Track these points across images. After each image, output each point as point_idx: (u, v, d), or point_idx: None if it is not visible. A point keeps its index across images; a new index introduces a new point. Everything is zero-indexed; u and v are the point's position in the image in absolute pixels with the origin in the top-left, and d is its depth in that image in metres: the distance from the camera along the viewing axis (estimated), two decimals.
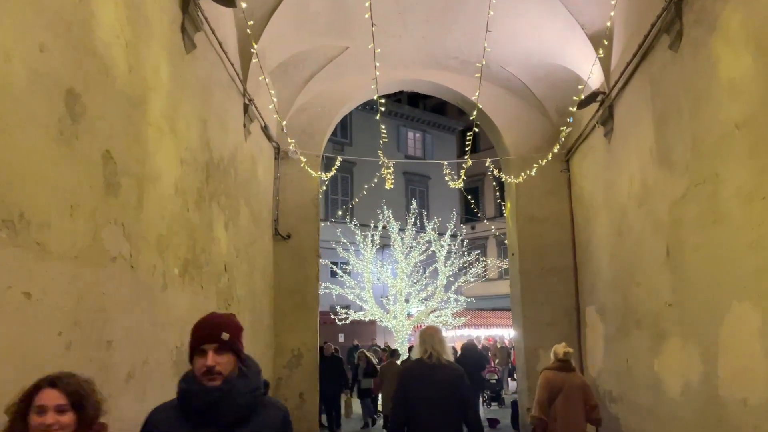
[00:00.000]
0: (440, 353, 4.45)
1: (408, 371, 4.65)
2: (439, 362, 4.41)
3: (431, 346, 4.47)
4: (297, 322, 9.16)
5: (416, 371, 4.47)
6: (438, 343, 4.51)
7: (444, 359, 4.47)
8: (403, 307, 18.30)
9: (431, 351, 4.45)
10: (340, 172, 32.78)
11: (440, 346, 4.50)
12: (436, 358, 4.42)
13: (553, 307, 9.86)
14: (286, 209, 9.42)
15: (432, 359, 4.41)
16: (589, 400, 5.71)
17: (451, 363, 4.54)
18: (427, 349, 4.47)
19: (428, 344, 4.50)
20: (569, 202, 10.11)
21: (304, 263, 9.34)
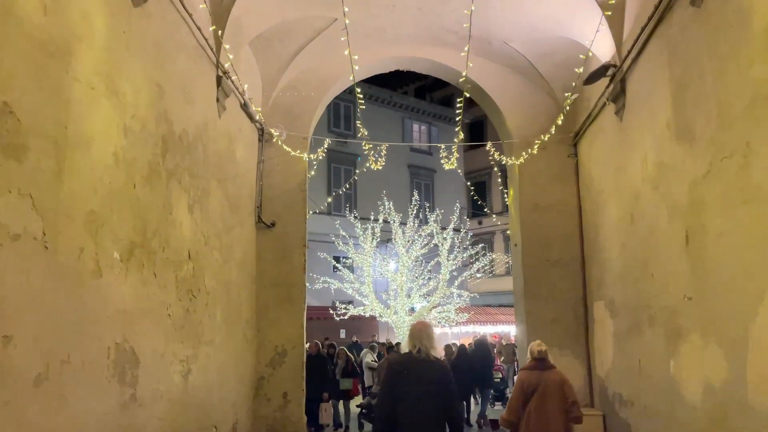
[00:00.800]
0: (429, 349, 4.47)
1: (396, 365, 4.61)
2: (428, 357, 4.43)
3: (420, 341, 4.48)
4: (281, 316, 8.50)
5: (404, 365, 4.47)
6: (427, 338, 4.52)
7: (432, 355, 4.49)
8: (404, 302, 17.61)
9: (420, 346, 4.46)
10: (343, 165, 32.16)
11: (429, 342, 4.50)
12: (425, 354, 4.43)
13: (558, 302, 9.15)
14: (270, 195, 8.76)
15: (421, 354, 4.43)
16: (568, 396, 5.58)
17: (438, 359, 4.58)
18: (416, 344, 4.48)
19: (417, 339, 4.50)
20: (576, 189, 9.39)
21: (289, 253, 8.67)
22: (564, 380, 5.77)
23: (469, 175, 43.08)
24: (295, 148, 8.82)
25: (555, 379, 5.75)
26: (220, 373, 6.61)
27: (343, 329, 25.20)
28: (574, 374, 9.01)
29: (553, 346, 9.06)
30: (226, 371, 6.86)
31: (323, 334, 24.10)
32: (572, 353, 9.06)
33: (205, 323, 6.10)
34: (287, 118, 8.96)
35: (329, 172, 30.47)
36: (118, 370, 4.14)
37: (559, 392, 5.63)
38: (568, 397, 5.64)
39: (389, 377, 4.50)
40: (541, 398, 5.63)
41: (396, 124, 33.66)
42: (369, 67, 9.77)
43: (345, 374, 11.54)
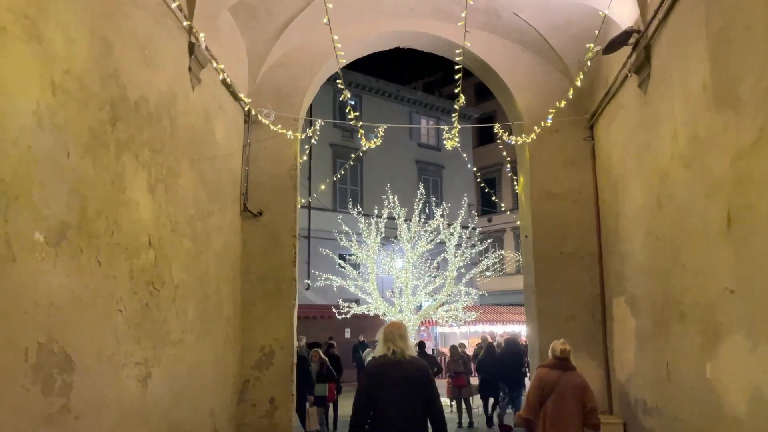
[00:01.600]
0: (403, 349, 4.39)
1: (371, 370, 4.52)
2: (403, 357, 4.35)
3: (393, 343, 4.40)
4: (268, 314, 7.75)
5: (381, 369, 4.39)
6: (400, 338, 4.44)
7: (408, 355, 4.41)
8: (410, 300, 16.83)
9: (394, 348, 4.38)
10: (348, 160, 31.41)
11: (403, 342, 4.43)
12: (400, 354, 4.36)
13: (573, 298, 8.34)
14: (257, 182, 8.01)
15: (396, 355, 4.36)
16: (587, 402, 5.37)
17: (414, 358, 4.50)
18: (389, 346, 4.40)
19: (390, 341, 4.42)
20: (593, 176, 8.58)
21: (278, 245, 7.92)
22: (585, 385, 5.51)
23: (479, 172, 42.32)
24: (284, 131, 8.07)
25: (576, 382, 5.50)
26: (193, 377, 5.87)
27: (348, 328, 24.48)
28: (592, 377, 8.18)
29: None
30: (201, 375, 6.12)
31: (327, 333, 23.37)
32: (588, 354, 8.25)
33: (172, 320, 5.36)
34: (277, 98, 8.21)
35: (334, 168, 29.75)
36: (41, 377, 3.40)
37: (578, 396, 5.40)
38: (587, 403, 5.40)
39: (365, 382, 4.46)
40: (559, 400, 5.42)
41: (403, 119, 32.85)
42: (367, 43, 9.01)
43: (320, 379, 10.62)
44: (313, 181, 28.60)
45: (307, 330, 23.89)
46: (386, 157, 30.86)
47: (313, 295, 26.83)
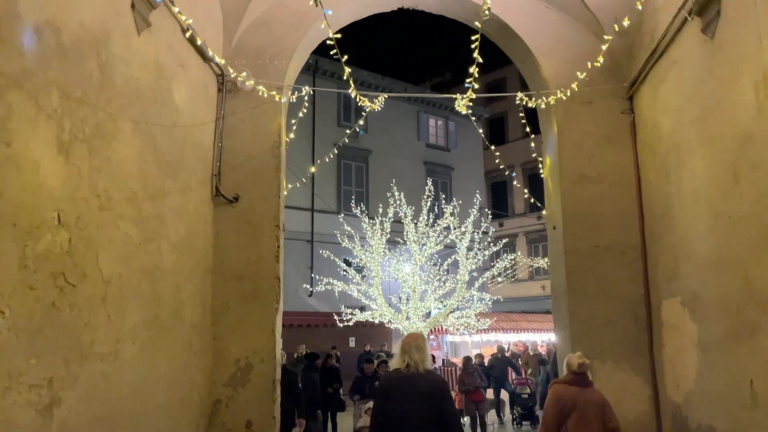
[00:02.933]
0: (419, 362, 4.24)
1: (385, 383, 4.50)
2: (418, 371, 4.22)
3: (409, 355, 4.26)
4: (245, 320, 6.42)
5: (393, 382, 4.31)
6: (417, 350, 4.28)
7: (424, 368, 4.25)
8: (418, 306, 15.45)
9: (409, 361, 4.24)
10: (353, 161, 30.11)
11: (419, 355, 4.27)
12: (414, 368, 4.22)
13: (612, 300, 6.97)
14: (233, 162, 6.70)
15: (410, 369, 4.23)
16: (609, 421, 5.10)
17: (431, 372, 4.35)
18: (405, 359, 4.27)
19: (406, 353, 4.29)
20: (633, 154, 7.22)
21: (258, 236, 6.60)
22: (605, 401, 5.19)
23: (489, 175, 40.91)
24: (265, 102, 6.78)
25: (596, 399, 5.16)
26: (135, 399, 4.54)
27: (353, 337, 23.09)
28: (634, 395, 6.84)
29: (606, 359, 6.92)
30: (149, 396, 4.79)
31: (330, 342, 22.00)
32: (631, 368, 6.87)
33: (99, 327, 4.05)
34: (258, 63, 6.90)
35: (339, 169, 28.48)
36: None
37: (600, 415, 5.07)
38: (609, 422, 5.08)
39: (379, 397, 4.36)
40: (580, 420, 5.09)
41: (410, 118, 31.57)
42: (365, 3, 7.71)
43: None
44: (317, 182, 27.34)
45: (309, 339, 22.50)
46: (393, 158, 29.58)
47: (316, 302, 25.49)
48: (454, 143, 33.26)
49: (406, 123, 31.14)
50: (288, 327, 22.40)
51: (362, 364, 16.49)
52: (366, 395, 10.03)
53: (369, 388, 10.02)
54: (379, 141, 29.64)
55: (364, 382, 10.39)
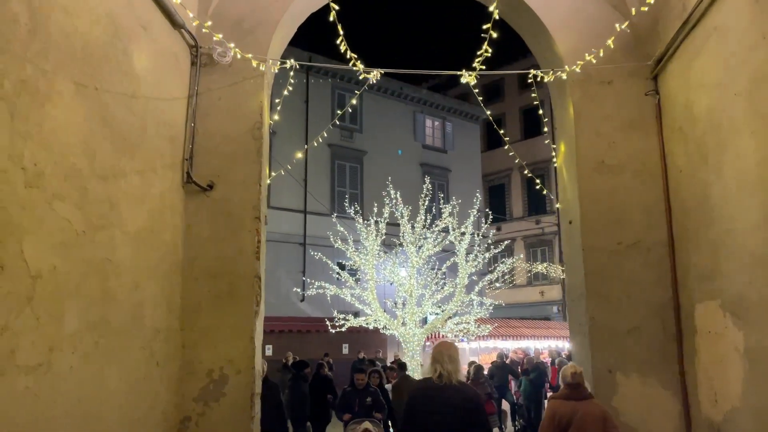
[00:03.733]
0: (452, 373, 4.09)
1: (415, 393, 4.28)
2: (450, 383, 4.06)
3: (441, 365, 4.11)
4: (220, 324, 5.59)
5: (423, 393, 4.15)
6: (449, 361, 4.12)
7: (456, 379, 4.12)
8: (414, 311, 14.63)
9: (441, 370, 4.09)
10: (348, 161, 29.30)
11: (452, 365, 4.11)
12: (447, 378, 4.06)
13: (637, 304, 6.19)
14: (209, 144, 5.89)
15: (442, 380, 4.07)
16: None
17: (464, 384, 4.21)
18: (437, 369, 4.12)
19: (438, 362, 4.14)
20: (659, 140, 6.44)
21: (235, 229, 5.78)
22: (606, 414, 5.02)
23: (486, 178, 40.19)
24: (246, 77, 5.98)
25: (594, 413, 4.97)
26: (76, 421, 3.71)
27: (346, 344, 22.25)
28: (662, 412, 6.03)
29: (629, 371, 6.11)
30: (96, 417, 3.96)
31: (322, 349, 21.12)
32: (659, 381, 6.07)
33: (25, 332, 3.22)
34: (237, 35, 6.10)
35: (333, 169, 27.67)
36: None
37: (599, 428, 4.89)
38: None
39: (408, 408, 4.22)
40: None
41: (407, 118, 30.83)
42: None
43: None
44: (310, 183, 26.52)
45: (300, 346, 21.62)
46: (388, 159, 28.80)
47: (308, 307, 24.63)
48: (451, 144, 32.50)
49: (402, 123, 30.38)
50: (278, 333, 21.52)
51: None
52: (356, 413, 8.07)
53: (360, 404, 8.07)
54: (374, 141, 28.87)
55: (353, 396, 8.22)
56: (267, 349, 20.68)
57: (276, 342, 20.69)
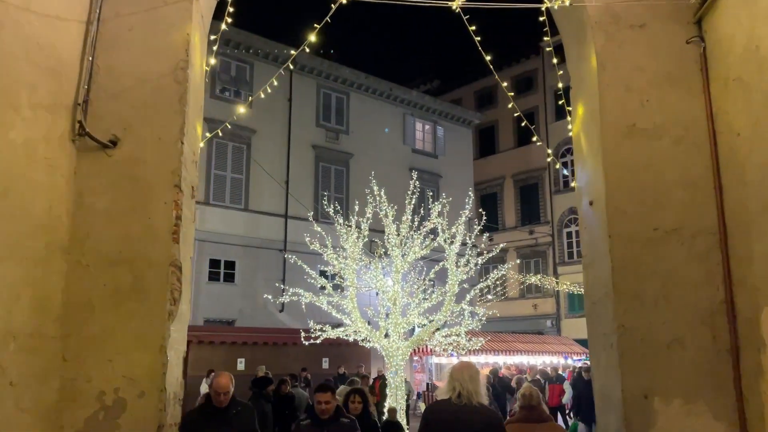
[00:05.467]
0: (473, 393, 3.87)
1: (432, 414, 4.05)
2: (471, 403, 3.84)
3: (461, 384, 3.87)
4: (118, 329, 4.07)
5: (444, 415, 3.90)
6: (470, 380, 3.91)
7: (476, 401, 3.87)
8: (399, 322, 13.13)
9: (461, 390, 3.86)
10: (333, 164, 27.81)
11: (473, 385, 3.90)
12: (467, 399, 3.84)
13: (679, 308, 4.73)
14: (113, 87, 4.39)
15: (461, 400, 3.85)
16: None
17: (485, 406, 3.93)
18: (455, 387, 3.89)
19: (458, 381, 3.92)
20: (706, 99, 5.02)
21: (145, 201, 4.27)
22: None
23: (479, 186, 38.81)
24: (167, 2, 4.50)
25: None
26: None
27: (326, 358, 20.69)
28: None
29: (670, 396, 4.59)
30: None
31: (300, 363, 19.52)
32: (709, 409, 4.60)
33: None
34: None
35: (317, 172, 26.17)
36: None
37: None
38: None
39: (424, 428, 3.96)
40: None
41: (396, 121, 29.43)
42: None
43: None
44: (292, 186, 25.00)
45: (276, 359, 19.98)
46: (375, 163, 27.32)
47: (288, 318, 23.04)
48: (442, 149, 31.12)
49: (391, 126, 28.97)
50: (251, 345, 19.87)
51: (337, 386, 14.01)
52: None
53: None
54: (361, 144, 27.42)
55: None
56: (239, 362, 19.04)
57: (249, 355, 19.07)
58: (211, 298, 22.16)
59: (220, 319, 22.84)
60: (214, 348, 18.01)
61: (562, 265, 35.55)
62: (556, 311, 35.73)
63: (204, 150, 23.37)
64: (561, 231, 36.11)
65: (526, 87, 37.43)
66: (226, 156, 23.66)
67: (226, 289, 23.08)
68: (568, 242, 35.79)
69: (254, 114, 23.72)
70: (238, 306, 22.85)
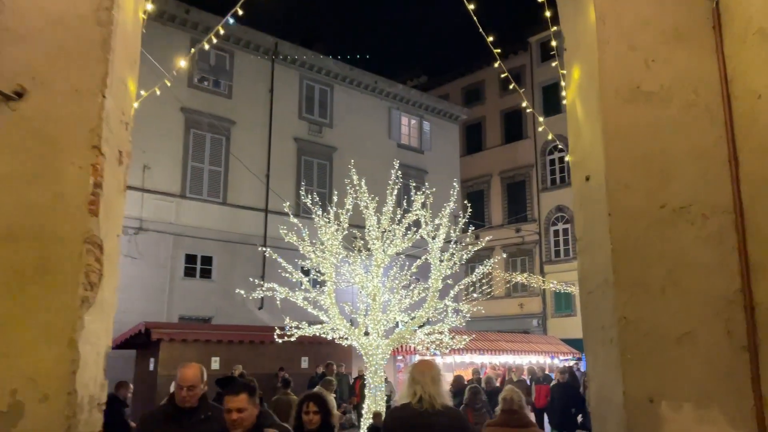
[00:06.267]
0: (435, 396, 3.67)
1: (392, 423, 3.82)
2: (433, 408, 3.63)
3: (422, 387, 3.66)
4: (18, 319, 3.36)
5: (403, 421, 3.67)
6: (431, 382, 3.70)
7: (440, 404, 3.68)
8: (378, 319, 12.45)
9: (422, 393, 3.64)
10: (316, 158, 27.04)
11: (434, 387, 3.70)
12: (429, 403, 3.62)
13: (690, 298, 4.09)
14: (18, 27, 3.66)
15: (423, 404, 3.63)
16: None
17: (449, 409, 3.73)
18: (416, 391, 3.66)
19: (418, 384, 3.69)
20: (719, 58, 4.38)
21: (55, 164, 3.56)
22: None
23: (465, 184, 38.21)
24: None
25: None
26: None
27: (306, 357, 19.98)
28: None
29: (680, 400, 3.88)
30: None
31: (278, 362, 18.78)
32: (724, 415, 3.94)
33: None
34: None
35: (299, 166, 25.43)
36: None
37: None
38: None
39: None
40: None
41: (381, 114, 28.77)
42: None
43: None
44: (273, 180, 24.23)
45: (253, 358, 19.19)
46: (360, 157, 26.63)
47: (267, 316, 22.31)
48: (428, 145, 30.50)
49: (376, 119, 28.30)
50: (227, 343, 19.08)
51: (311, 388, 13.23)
52: None
53: None
54: (345, 137, 26.71)
55: None
56: (213, 361, 18.25)
57: (225, 354, 18.30)
58: (186, 295, 21.37)
59: (196, 316, 22.05)
60: (186, 346, 17.22)
61: (549, 264, 35.08)
62: (542, 310, 35.26)
63: (181, 141, 22.62)
64: (548, 229, 35.63)
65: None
66: (204, 148, 22.86)
67: (203, 285, 22.30)
68: (555, 240, 35.35)
69: (234, 105, 22.95)
70: (215, 303, 22.07)
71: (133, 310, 19.52)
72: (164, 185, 21.45)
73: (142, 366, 18.29)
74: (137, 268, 20.16)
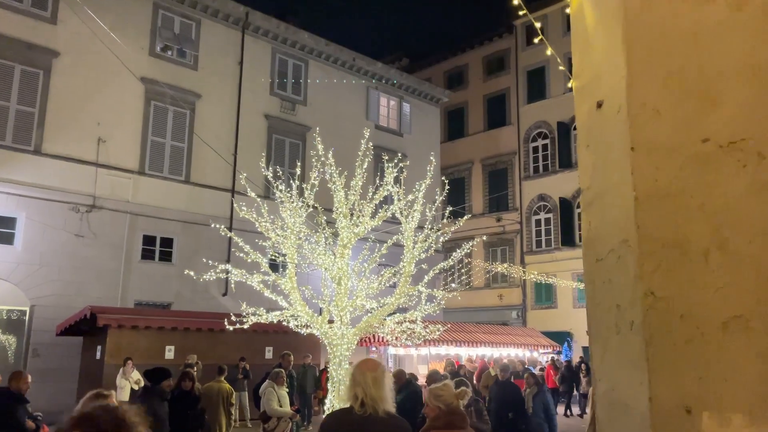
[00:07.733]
0: (378, 401, 3.32)
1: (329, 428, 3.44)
2: (376, 413, 3.29)
3: (363, 390, 3.31)
4: None
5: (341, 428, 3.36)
6: (374, 384, 3.32)
7: (382, 409, 3.33)
8: (344, 304, 11.24)
9: (363, 397, 3.31)
10: (287, 136, 25.68)
11: (377, 390, 3.31)
12: (372, 408, 3.29)
13: (743, 267, 2.89)
14: None
15: (365, 409, 3.29)
16: None
17: (392, 416, 3.37)
18: (357, 394, 3.32)
19: (359, 386, 3.33)
20: None
21: None
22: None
23: (445, 171, 37.07)
24: None
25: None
26: None
27: (270, 347, 18.76)
28: None
29: (727, 410, 2.65)
30: None
31: (239, 352, 17.49)
32: None
33: None
34: None
35: (269, 145, 24.07)
36: None
37: None
38: None
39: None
40: None
41: (359, 94, 27.49)
42: None
43: None
44: (241, 159, 22.85)
45: (213, 348, 17.82)
46: (335, 138, 25.39)
47: (231, 303, 20.97)
48: (407, 127, 29.30)
49: (352, 99, 27.00)
50: (183, 331, 17.72)
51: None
52: None
53: None
54: (319, 116, 25.37)
55: None
56: (168, 350, 16.91)
57: (180, 342, 16.98)
58: (143, 279, 19.99)
59: (154, 302, 20.67)
60: (138, 333, 15.87)
61: (530, 254, 34.22)
62: (522, 302, 34.41)
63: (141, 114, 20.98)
64: (530, 218, 34.75)
65: (498, 67, 35.89)
66: (165, 121, 21.41)
67: (162, 269, 20.91)
68: (537, 230, 34.48)
69: (200, 77, 21.51)
70: (175, 288, 20.71)
71: (83, 294, 18.12)
72: (121, 160, 20.00)
73: (88, 354, 16.91)
74: (89, 249, 18.73)
